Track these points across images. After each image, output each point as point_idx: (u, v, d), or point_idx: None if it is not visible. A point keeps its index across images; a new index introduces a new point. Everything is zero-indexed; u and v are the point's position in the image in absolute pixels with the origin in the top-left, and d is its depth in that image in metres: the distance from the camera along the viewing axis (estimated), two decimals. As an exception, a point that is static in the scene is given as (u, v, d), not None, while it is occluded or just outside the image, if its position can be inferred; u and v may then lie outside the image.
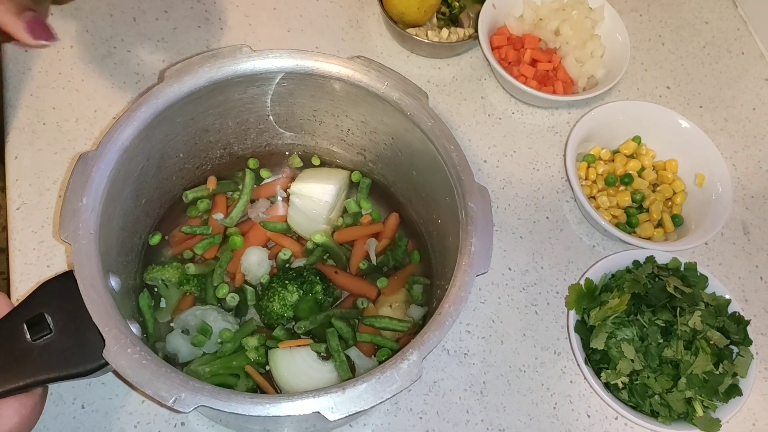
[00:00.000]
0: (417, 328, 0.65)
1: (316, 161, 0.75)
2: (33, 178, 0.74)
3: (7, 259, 0.70)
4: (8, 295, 0.67)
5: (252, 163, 0.73)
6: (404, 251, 0.71)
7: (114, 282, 0.55)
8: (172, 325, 0.65)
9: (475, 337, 0.73)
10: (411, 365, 0.50)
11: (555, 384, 0.72)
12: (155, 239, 0.68)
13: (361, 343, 0.66)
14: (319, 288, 0.65)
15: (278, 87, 0.65)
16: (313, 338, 0.65)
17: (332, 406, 0.48)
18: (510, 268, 0.78)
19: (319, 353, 0.63)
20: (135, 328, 0.54)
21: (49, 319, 0.52)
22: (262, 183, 0.74)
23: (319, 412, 0.47)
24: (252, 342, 0.63)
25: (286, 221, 0.71)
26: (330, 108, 0.68)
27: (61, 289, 0.53)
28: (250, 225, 0.71)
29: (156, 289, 0.66)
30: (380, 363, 0.55)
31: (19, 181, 0.74)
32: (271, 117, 0.70)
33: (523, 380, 0.72)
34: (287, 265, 0.68)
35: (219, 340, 0.63)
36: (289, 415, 0.47)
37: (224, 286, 0.66)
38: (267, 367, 0.64)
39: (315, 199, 0.69)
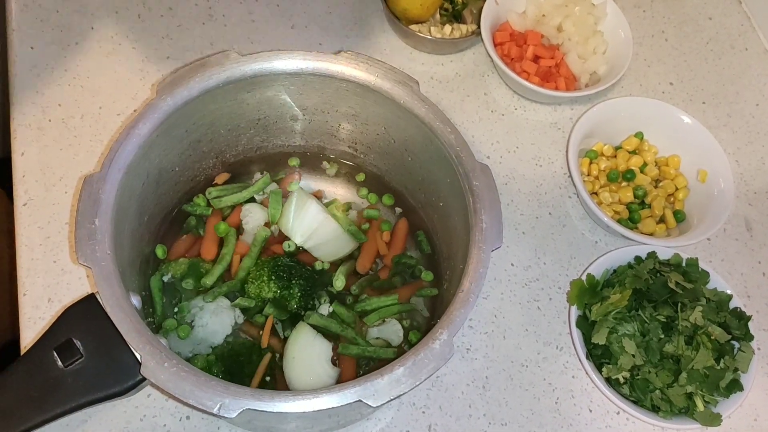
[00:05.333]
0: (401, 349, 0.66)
1: (293, 162, 0.75)
2: (39, 174, 0.75)
3: (14, 256, 0.71)
4: (16, 290, 0.68)
5: (292, 161, 0.75)
6: (415, 264, 0.72)
7: (135, 300, 0.56)
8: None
9: (477, 332, 0.74)
10: (443, 344, 0.52)
11: (557, 379, 0.72)
12: (160, 251, 0.68)
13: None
14: (293, 303, 0.65)
15: (269, 89, 0.65)
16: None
17: (374, 393, 0.48)
18: (512, 264, 0.78)
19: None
20: (164, 342, 0.54)
21: (78, 344, 0.52)
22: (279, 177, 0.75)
23: (361, 401, 0.48)
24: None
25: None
26: (320, 105, 0.68)
27: (84, 312, 0.53)
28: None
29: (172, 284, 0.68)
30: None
31: (26, 177, 0.74)
32: (283, 117, 0.70)
33: (525, 375, 0.72)
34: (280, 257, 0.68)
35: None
36: (332, 408, 0.47)
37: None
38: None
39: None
